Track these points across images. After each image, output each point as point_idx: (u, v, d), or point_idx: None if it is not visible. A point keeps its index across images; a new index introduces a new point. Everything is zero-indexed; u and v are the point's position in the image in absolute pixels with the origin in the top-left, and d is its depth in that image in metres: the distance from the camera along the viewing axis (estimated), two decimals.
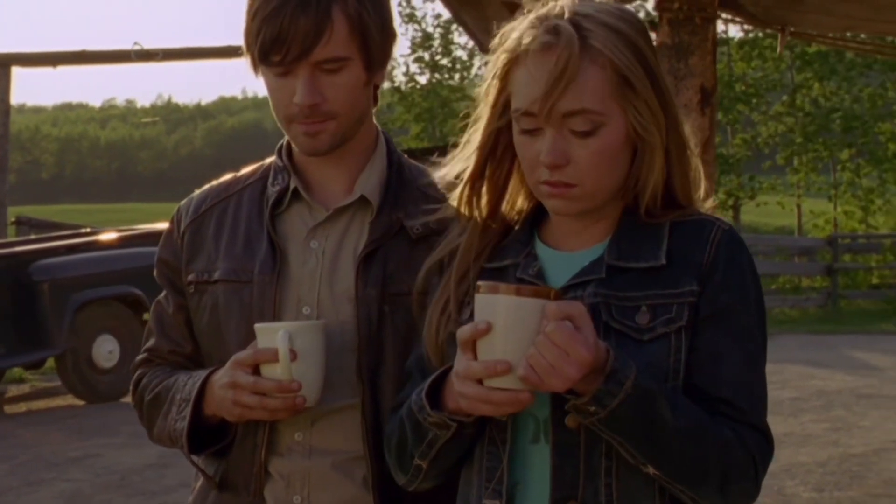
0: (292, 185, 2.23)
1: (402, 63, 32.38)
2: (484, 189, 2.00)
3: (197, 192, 2.37)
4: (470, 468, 1.94)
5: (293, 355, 2.04)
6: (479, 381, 1.77)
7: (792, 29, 4.18)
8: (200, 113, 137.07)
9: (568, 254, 1.94)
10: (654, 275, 1.86)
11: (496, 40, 1.94)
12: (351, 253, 2.19)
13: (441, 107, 32.00)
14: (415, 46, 32.64)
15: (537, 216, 2.01)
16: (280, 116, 2.17)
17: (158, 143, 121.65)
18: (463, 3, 4.59)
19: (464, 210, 2.02)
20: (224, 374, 2.11)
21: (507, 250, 1.99)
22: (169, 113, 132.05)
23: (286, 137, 2.28)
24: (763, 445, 1.85)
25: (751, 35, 28.18)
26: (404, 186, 2.24)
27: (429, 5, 33.14)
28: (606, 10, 1.88)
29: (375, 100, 2.27)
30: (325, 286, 2.18)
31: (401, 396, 2.06)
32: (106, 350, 11.50)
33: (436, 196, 2.19)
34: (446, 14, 33.41)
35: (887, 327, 18.13)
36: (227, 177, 2.37)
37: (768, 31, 4.36)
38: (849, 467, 8.17)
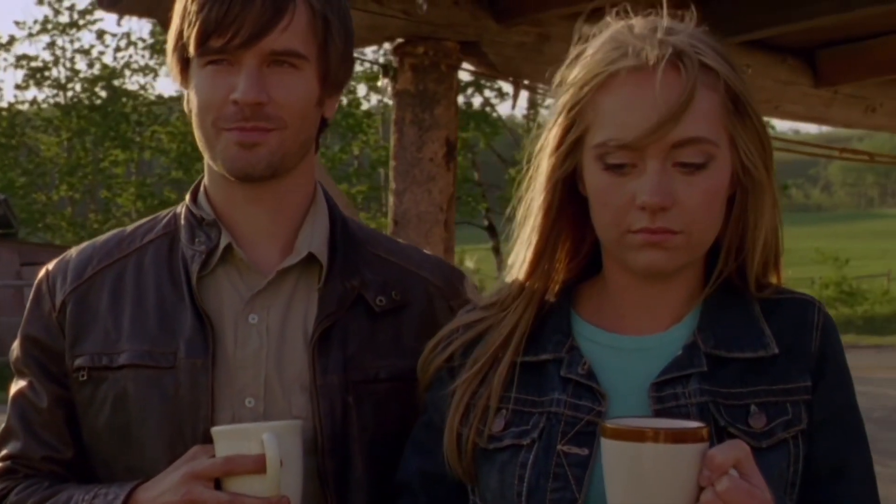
0: (223, 243, 1.75)
1: None
2: (545, 258, 1.66)
3: (73, 251, 1.81)
4: None
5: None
6: None
7: (527, 82, 4.01)
8: None
9: (635, 338, 1.62)
10: (759, 366, 1.58)
11: (558, 74, 1.62)
12: (300, 329, 1.76)
13: None
14: None
15: (571, 290, 1.69)
16: (208, 124, 1.70)
17: None
18: None
19: (526, 288, 1.67)
20: (170, 490, 1.61)
21: (544, 339, 1.64)
22: None
23: (201, 177, 1.79)
24: None
25: None
26: (354, 247, 1.83)
27: None
28: (696, 30, 1.61)
29: (317, 144, 1.85)
30: (273, 372, 1.73)
31: None
32: None
33: (392, 261, 1.84)
34: None
35: None
36: (112, 233, 1.84)
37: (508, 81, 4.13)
38: None
